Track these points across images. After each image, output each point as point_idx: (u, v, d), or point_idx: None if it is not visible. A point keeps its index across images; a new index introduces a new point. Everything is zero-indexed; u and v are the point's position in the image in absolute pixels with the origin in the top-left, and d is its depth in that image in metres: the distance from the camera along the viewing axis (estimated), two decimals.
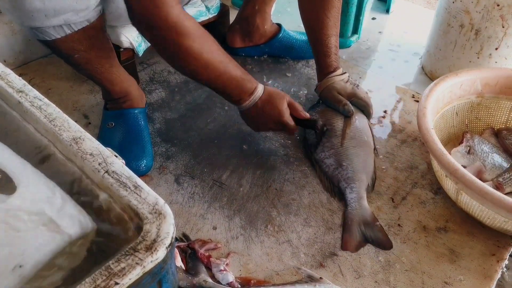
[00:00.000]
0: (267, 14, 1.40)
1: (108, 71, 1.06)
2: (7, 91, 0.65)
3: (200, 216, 0.99)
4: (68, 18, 0.90)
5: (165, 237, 0.49)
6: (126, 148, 1.07)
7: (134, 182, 0.54)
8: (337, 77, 1.19)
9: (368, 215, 0.98)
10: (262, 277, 0.88)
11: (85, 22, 0.94)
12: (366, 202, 1.00)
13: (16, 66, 1.39)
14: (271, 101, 1.03)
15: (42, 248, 0.50)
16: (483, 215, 0.93)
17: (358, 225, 0.96)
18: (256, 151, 1.15)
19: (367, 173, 1.05)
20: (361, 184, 1.03)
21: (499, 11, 1.18)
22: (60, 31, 0.92)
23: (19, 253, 0.48)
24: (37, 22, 0.89)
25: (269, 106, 1.03)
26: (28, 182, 0.55)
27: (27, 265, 0.48)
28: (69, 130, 0.60)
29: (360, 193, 1.01)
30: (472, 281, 0.89)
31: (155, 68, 1.42)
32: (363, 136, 1.13)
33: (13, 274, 0.47)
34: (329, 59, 1.19)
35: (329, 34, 1.17)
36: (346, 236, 0.95)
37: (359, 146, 1.10)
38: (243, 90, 1.01)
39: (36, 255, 0.49)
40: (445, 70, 1.36)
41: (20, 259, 0.48)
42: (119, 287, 0.45)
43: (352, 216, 0.98)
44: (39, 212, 0.52)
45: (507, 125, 1.17)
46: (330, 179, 1.06)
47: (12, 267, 0.47)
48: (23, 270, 0.48)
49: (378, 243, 0.94)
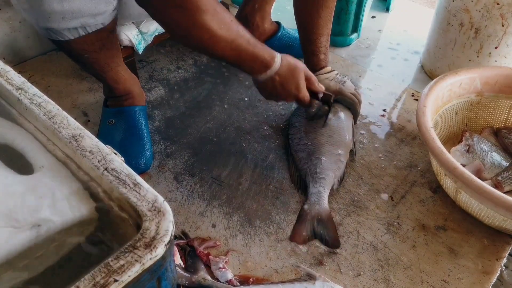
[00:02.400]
0: (266, 13, 1.40)
1: (114, 70, 1.07)
2: (7, 88, 0.65)
3: (199, 214, 0.99)
4: (85, 21, 0.91)
5: (164, 235, 0.49)
6: (126, 146, 1.08)
7: (134, 180, 0.54)
8: (322, 76, 1.19)
9: (324, 212, 0.98)
10: (261, 275, 0.88)
11: (100, 25, 0.94)
12: (326, 200, 1.00)
13: (16, 64, 1.39)
14: (289, 74, 0.99)
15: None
16: (482, 213, 0.93)
17: (311, 219, 0.97)
18: (256, 149, 1.15)
19: (335, 172, 1.05)
20: (326, 182, 1.03)
21: (499, 9, 1.18)
22: (74, 33, 0.92)
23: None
24: (54, 24, 0.89)
25: (286, 80, 0.99)
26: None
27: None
28: (69, 128, 0.60)
29: (322, 189, 1.01)
30: (471, 279, 0.89)
31: (155, 66, 1.42)
32: (341, 136, 1.12)
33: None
34: (317, 58, 1.19)
35: (320, 33, 1.17)
36: (297, 228, 0.96)
37: (333, 144, 1.10)
38: (260, 61, 0.95)
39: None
40: (445, 68, 1.36)
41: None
42: (118, 284, 0.45)
43: (308, 210, 0.98)
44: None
45: (506, 124, 1.17)
46: (299, 172, 1.06)
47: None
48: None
49: (326, 241, 0.95)
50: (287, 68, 0.99)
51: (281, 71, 0.98)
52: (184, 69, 1.41)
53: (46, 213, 0.53)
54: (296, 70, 1.00)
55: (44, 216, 0.53)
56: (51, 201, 0.54)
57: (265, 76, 0.97)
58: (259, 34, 1.43)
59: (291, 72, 0.99)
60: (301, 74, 1.01)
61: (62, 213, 0.53)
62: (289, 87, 1.00)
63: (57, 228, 0.53)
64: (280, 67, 0.97)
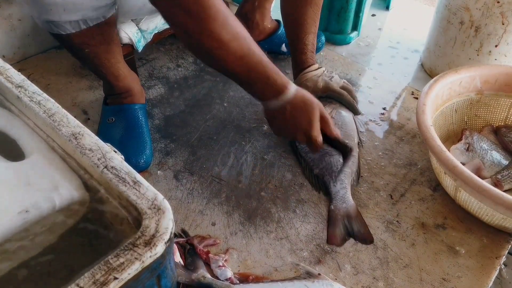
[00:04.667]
0: (266, 10, 1.40)
1: (114, 66, 1.07)
2: (6, 86, 0.65)
3: (199, 212, 0.99)
4: (86, 14, 0.91)
5: (164, 232, 0.49)
6: (126, 144, 1.07)
7: (133, 178, 0.54)
8: (310, 73, 1.19)
9: (352, 209, 0.98)
10: (261, 273, 0.88)
11: (101, 18, 0.94)
12: (350, 195, 1.01)
13: (15, 62, 1.39)
14: (303, 108, 0.92)
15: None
16: (482, 212, 0.93)
17: (342, 219, 0.97)
18: (255, 148, 1.15)
19: (351, 167, 1.05)
20: (345, 178, 1.03)
21: (499, 8, 1.18)
22: (75, 26, 0.92)
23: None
24: (55, 16, 0.89)
25: (299, 113, 0.92)
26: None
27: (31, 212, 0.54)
28: (68, 126, 0.60)
29: (344, 186, 1.01)
30: (470, 277, 0.89)
31: (154, 64, 1.42)
32: (347, 130, 1.12)
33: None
34: (304, 56, 1.19)
35: (307, 31, 1.17)
36: (331, 231, 0.96)
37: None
38: (271, 85, 0.89)
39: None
40: (445, 67, 1.36)
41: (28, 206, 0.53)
42: (118, 282, 0.45)
43: (336, 211, 0.98)
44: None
45: (506, 123, 1.17)
46: (316, 174, 1.06)
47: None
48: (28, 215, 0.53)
49: (360, 237, 0.95)
50: (301, 100, 0.92)
51: (295, 102, 0.91)
52: (184, 67, 1.41)
53: (35, 198, 0.54)
54: (312, 105, 0.92)
55: (33, 201, 0.53)
56: (40, 186, 0.55)
57: (276, 103, 0.91)
58: (259, 32, 1.43)
59: (305, 105, 0.92)
60: (315, 110, 0.93)
61: (51, 198, 0.54)
62: (300, 121, 0.92)
63: (46, 212, 0.54)
64: (294, 97, 0.91)
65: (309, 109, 0.92)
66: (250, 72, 0.87)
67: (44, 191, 0.55)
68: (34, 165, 0.58)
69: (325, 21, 1.53)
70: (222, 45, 0.81)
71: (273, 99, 0.91)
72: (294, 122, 0.93)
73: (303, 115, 0.92)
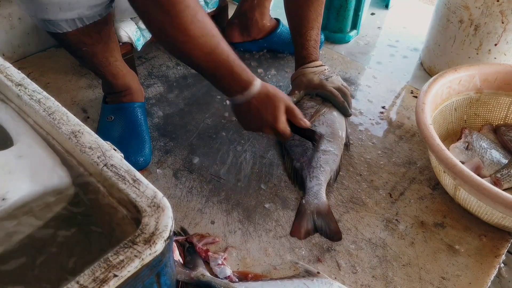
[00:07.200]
0: (266, 9, 1.40)
1: (113, 65, 1.07)
2: (6, 84, 0.65)
3: (198, 211, 0.99)
4: (82, 12, 0.90)
5: (164, 230, 0.49)
6: (126, 142, 1.08)
7: (133, 176, 0.54)
8: (308, 69, 1.19)
9: (322, 206, 0.99)
10: (260, 271, 0.89)
11: (97, 17, 0.94)
12: (324, 193, 1.01)
13: (15, 60, 1.39)
14: (267, 102, 0.94)
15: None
16: (481, 210, 0.93)
17: (311, 213, 0.97)
18: (255, 146, 1.15)
19: (331, 166, 1.06)
20: (322, 176, 1.03)
21: (498, 6, 1.18)
22: (72, 24, 0.92)
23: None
24: (51, 15, 0.89)
25: (264, 107, 0.94)
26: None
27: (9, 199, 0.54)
28: (68, 124, 0.60)
29: (319, 183, 1.02)
30: (470, 276, 0.89)
31: (154, 62, 1.42)
32: (334, 130, 1.12)
33: None
34: (306, 51, 1.19)
35: (310, 27, 1.17)
36: (297, 223, 0.97)
37: (327, 138, 1.10)
38: (237, 81, 0.91)
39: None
40: (444, 65, 1.37)
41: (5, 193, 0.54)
42: (118, 279, 0.45)
43: (307, 205, 0.99)
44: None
45: (505, 121, 1.17)
46: (295, 167, 1.07)
47: None
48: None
49: (327, 233, 0.95)
50: (265, 95, 0.94)
51: (259, 97, 0.93)
52: (183, 66, 1.41)
53: (17, 185, 0.54)
54: (275, 99, 0.95)
55: (13, 188, 0.54)
56: (24, 173, 0.56)
57: (242, 98, 0.93)
58: (258, 31, 1.43)
59: (269, 99, 0.94)
60: (279, 103, 0.95)
61: (35, 183, 0.55)
62: (265, 115, 0.95)
63: (28, 198, 0.54)
64: (258, 93, 0.93)
65: (273, 103, 0.95)
66: (216, 68, 0.88)
67: (25, 177, 0.55)
68: (19, 152, 0.58)
69: (324, 19, 1.52)
70: (190, 39, 0.82)
71: (238, 94, 0.93)
72: (260, 116, 0.95)
73: (268, 109, 0.95)
